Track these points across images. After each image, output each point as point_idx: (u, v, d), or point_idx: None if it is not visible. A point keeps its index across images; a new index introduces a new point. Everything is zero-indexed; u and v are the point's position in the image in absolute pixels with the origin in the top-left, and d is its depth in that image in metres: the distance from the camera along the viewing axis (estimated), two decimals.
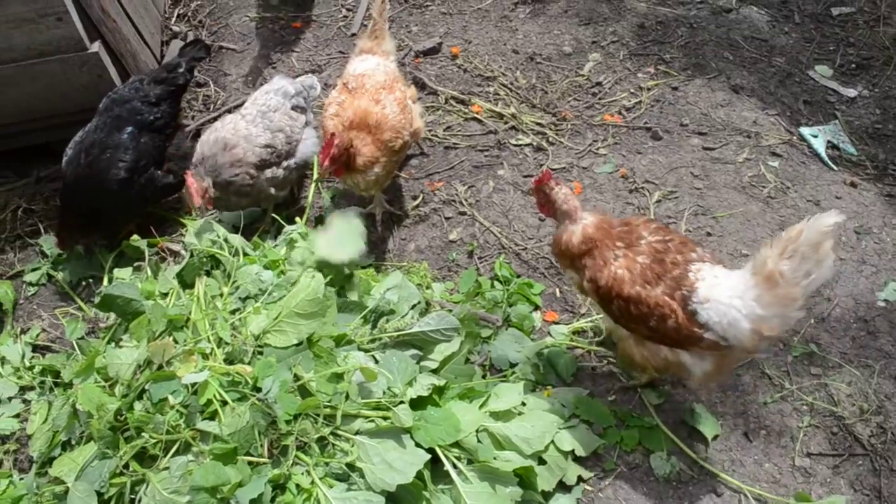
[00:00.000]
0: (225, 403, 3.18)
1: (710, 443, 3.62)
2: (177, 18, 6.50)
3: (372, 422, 3.18)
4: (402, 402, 3.19)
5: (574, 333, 4.01)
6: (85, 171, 4.32)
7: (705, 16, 6.17)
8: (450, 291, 4.23)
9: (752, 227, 4.52)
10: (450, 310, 3.92)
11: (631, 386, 3.83)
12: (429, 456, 3.09)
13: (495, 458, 3.21)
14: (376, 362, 3.38)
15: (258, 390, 3.18)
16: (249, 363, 3.32)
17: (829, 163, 4.96)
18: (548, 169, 3.66)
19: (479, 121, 5.31)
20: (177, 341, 3.46)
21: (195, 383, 3.22)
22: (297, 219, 4.35)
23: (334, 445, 3.13)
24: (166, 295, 3.89)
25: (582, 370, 3.90)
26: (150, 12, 5.96)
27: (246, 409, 3.11)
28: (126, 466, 3.17)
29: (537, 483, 3.23)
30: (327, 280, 3.61)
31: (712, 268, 3.19)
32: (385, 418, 3.16)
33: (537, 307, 4.12)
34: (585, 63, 5.77)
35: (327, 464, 3.07)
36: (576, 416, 3.62)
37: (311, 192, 4.75)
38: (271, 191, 4.42)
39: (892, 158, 5.03)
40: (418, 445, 3.11)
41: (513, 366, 3.80)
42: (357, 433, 3.14)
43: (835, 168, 4.94)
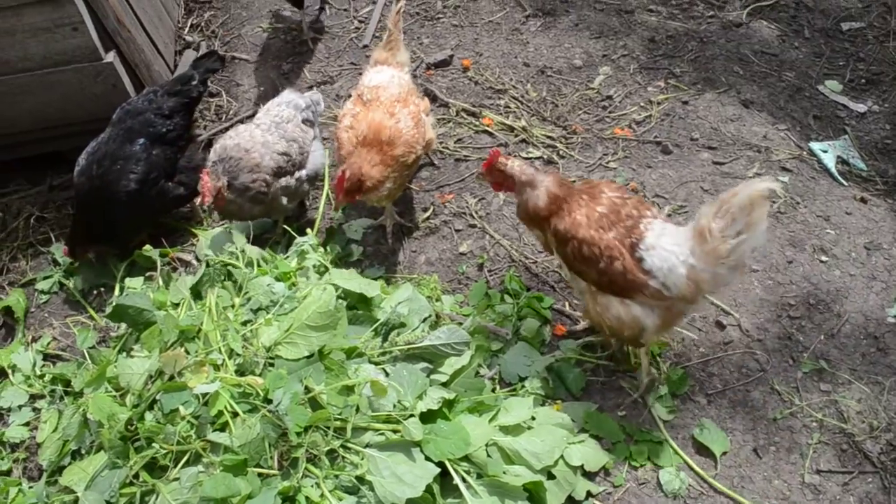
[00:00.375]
0: (236, 415, 3.19)
1: (720, 459, 3.62)
2: (190, 28, 6.54)
3: (382, 435, 3.18)
4: (412, 415, 3.20)
5: (583, 348, 4.01)
6: (96, 183, 4.34)
7: (715, 30, 6.18)
8: (460, 304, 4.24)
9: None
10: (459, 323, 3.94)
11: (639, 396, 3.85)
12: (438, 469, 3.09)
13: (505, 473, 3.21)
14: (387, 375, 3.39)
15: (269, 402, 3.19)
16: (260, 375, 3.33)
17: (839, 178, 4.96)
18: (495, 148, 3.74)
19: (490, 133, 5.32)
20: (188, 352, 3.47)
21: (206, 394, 3.23)
22: (307, 230, 4.37)
23: (344, 458, 3.13)
24: (178, 305, 3.90)
25: (591, 385, 3.90)
26: (165, 22, 6.00)
27: (256, 421, 3.12)
28: (136, 476, 3.18)
29: (547, 498, 3.22)
30: (338, 293, 3.62)
31: (662, 223, 3.42)
32: (395, 431, 3.16)
33: (547, 321, 4.12)
34: (596, 76, 5.79)
35: (337, 476, 3.08)
36: (585, 430, 3.63)
37: (322, 203, 4.77)
38: (283, 200, 4.44)
39: None
40: (428, 459, 3.11)
41: (522, 380, 3.80)
42: (367, 446, 3.14)
43: (845, 183, 4.94)
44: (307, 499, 3.00)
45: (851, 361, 4.00)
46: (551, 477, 3.32)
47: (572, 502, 3.40)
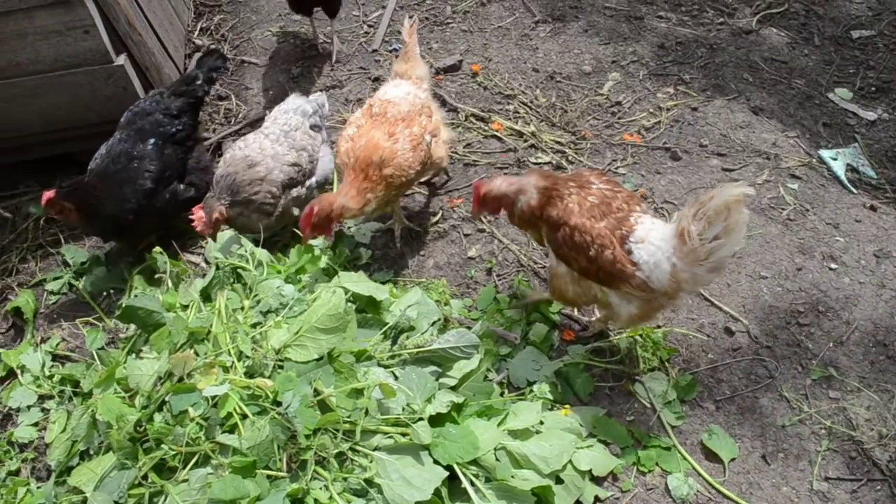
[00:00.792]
0: (245, 417, 3.19)
1: (728, 465, 3.61)
2: (200, 32, 6.56)
3: (391, 438, 3.18)
4: (421, 418, 3.19)
5: (592, 353, 4.00)
6: (112, 178, 4.35)
7: (725, 37, 6.19)
8: (468, 308, 4.24)
9: (771, 249, 4.52)
10: (468, 327, 3.94)
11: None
12: (447, 473, 3.08)
13: (513, 477, 3.20)
14: (396, 378, 3.38)
15: (278, 404, 3.18)
16: (270, 377, 3.33)
17: (849, 186, 4.96)
18: (475, 181, 3.81)
19: (499, 138, 5.33)
20: (197, 354, 3.47)
21: (215, 396, 3.23)
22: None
23: (353, 461, 3.13)
24: (187, 307, 3.91)
25: (599, 390, 3.90)
26: (175, 26, 6.02)
27: (266, 423, 3.12)
28: (145, 477, 3.17)
29: (555, 503, 3.22)
30: (348, 296, 3.63)
31: (651, 218, 3.49)
32: (404, 434, 3.16)
33: (555, 325, 4.12)
34: (605, 82, 5.79)
35: (345, 479, 3.07)
36: (593, 435, 3.63)
37: None
38: (295, 211, 4.44)
39: None
40: (436, 462, 3.11)
41: (530, 384, 3.80)
42: (376, 449, 3.14)
43: (854, 191, 4.94)
44: (316, 501, 2.99)
45: (860, 369, 3.99)
46: (559, 481, 3.32)
47: None
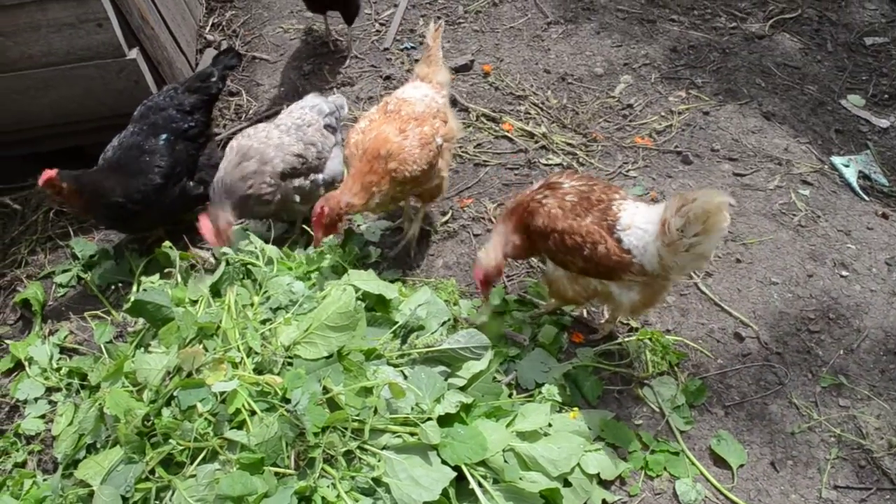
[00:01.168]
0: (253, 413, 3.17)
1: (737, 471, 3.59)
2: (211, 28, 6.56)
3: (399, 437, 3.17)
4: (429, 418, 3.18)
5: (600, 356, 3.99)
6: (122, 169, 4.35)
7: (738, 41, 6.17)
8: (477, 309, 4.23)
9: (782, 256, 4.50)
10: (478, 327, 3.93)
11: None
12: (455, 474, 3.07)
13: (521, 479, 3.19)
14: (405, 378, 3.37)
15: (287, 401, 3.17)
16: (279, 374, 3.32)
17: (861, 193, 4.94)
18: (475, 271, 3.81)
19: (510, 139, 5.32)
20: (207, 349, 3.46)
21: (224, 392, 3.22)
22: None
23: (361, 459, 3.12)
24: (196, 302, 3.90)
25: (608, 393, 3.88)
26: (187, 21, 6.02)
27: (274, 420, 3.11)
28: (152, 472, 3.16)
29: None
30: (358, 294, 3.62)
31: (634, 203, 3.53)
32: (412, 434, 3.15)
33: (564, 328, 4.11)
34: (617, 85, 5.78)
35: (353, 478, 3.06)
36: (601, 438, 3.62)
37: None
38: (296, 199, 4.43)
39: None
40: (444, 462, 3.10)
41: (539, 386, 3.78)
42: (384, 448, 3.13)
43: (866, 198, 4.92)
44: (323, 499, 2.98)
45: (871, 377, 3.97)
46: (567, 484, 3.31)
47: None
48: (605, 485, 3.48)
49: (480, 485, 3.12)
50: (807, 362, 4.03)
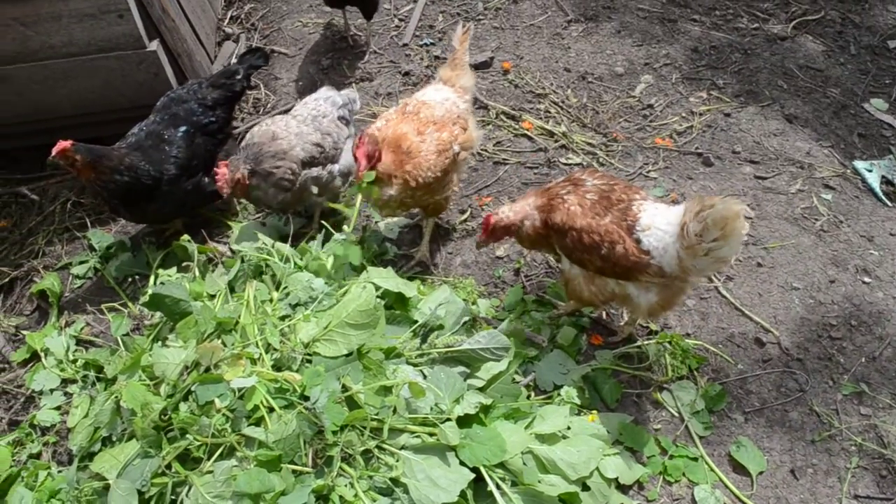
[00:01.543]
0: (272, 410, 3.15)
1: (756, 478, 3.56)
2: (230, 20, 6.54)
3: (418, 437, 3.14)
4: (448, 419, 3.15)
5: (619, 358, 3.96)
6: (139, 153, 4.32)
7: (760, 42, 6.12)
8: (495, 308, 4.20)
9: (804, 261, 4.46)
10: (495, 326, 3.90)
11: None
12: (473, 475, 3.04)
13: (540, 482, 3.16)
14: (424, 377, 3.35)
15: (305, 399, 3.15)
16: (298, 371, 3.30)
17: (884, 198, 4.89)
18: (487, 214, 3.77)
19: (530, 137, 5.28)
20: (225, 344, 3.45)
21: (242, 388, 3.20)
22: (344, 227, 4.35)
23: (379, 459, 3.09)
24: (213, 297, 3.88)
25: (626, 396, 3.85)
26: (207, 13, 6.00)
27: (293, 417, 3.09)
28: (168, 467, 3.15)
29: None
30: (380, 293, 3.59)
31: (654, 204, 3.50)
32: (431, 434, 3.12)
33: (583, 329, 4.07)
34: (637, 84, 5.74)
35: (371, 477, 3.04)
36: (619, 442, 3.59)
37: (358, 200, 4.73)
38: (314, 190, 4.41)
39: None
40: (462, 464, 3.07)
41: (557, 387, 3.75)
42: (402, 448, 3.10)
43: (889, 204, 4.87)
44: (341, 498, 2.96)
45: (893, 386, 3.93)
46: (586, 488, 3.28)
47: None
48: (623, 489, 3.46)
49: (499, 487, 3.09)
50: (828, 369, 3.99)
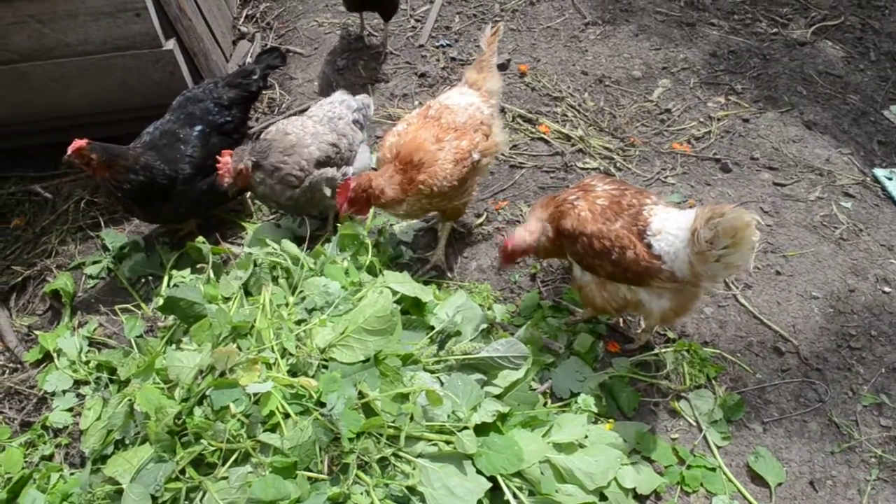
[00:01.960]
0: (287, 416, 3.13)
1: (774, 490, 3.51)
2: (245, 19, 6.52)
3: (435, 445, 3.11)
4: (466, 427, 3.12)
5: (637, 366, 3.92)
6: (154, 151, 4.31)
7: (779, 48, 6.06)
8: (511, 314, 4.16)
9: (823, 269, 4.41)
10: (511, 332, 3.86)
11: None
12: (490, 484, 3.01)
13: (557, 492, 3.12)
14: (441, 384, 3.31)
15: (321, 405, 3.12)
16: (314, 376, 3.27)
17: None
18: (504, 240, 3.76)
19: (546, 141, 5.24)
20: (240, 349, 3.41)
21: (258, 393, 3.17)
22: (359, 229, 4.31)
23: (395, 467, 3.06)
24: (228, 300, 3.85)
25: (643, 405, 3.81)
26: (223, 12, 5.98)
27: (308, 424, 3.06)
28: (182, 472, 3.12)
29: None
30: (396, 298, 3.56)
31: (665, 208, 3.48)
32: (448, 443, 3.09)
33: (600, 336, 4.04)
34: (655, 89, 5.69)
35: (387, 485, 3.00)
36: (637, 451, 3.55)
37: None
38: (327, 192, 4.39)
39: None
40: (479, 472, 3.04)
41: (574, 395, 3.72)
42: (419, 456, 3.07)
43: None
44: None
45: None
46: (603, 498, 3.24)
47: None
48: (640, 499, 3.42)
49: (516, 496, 3.07)
50: (847, 380, 3.94)
